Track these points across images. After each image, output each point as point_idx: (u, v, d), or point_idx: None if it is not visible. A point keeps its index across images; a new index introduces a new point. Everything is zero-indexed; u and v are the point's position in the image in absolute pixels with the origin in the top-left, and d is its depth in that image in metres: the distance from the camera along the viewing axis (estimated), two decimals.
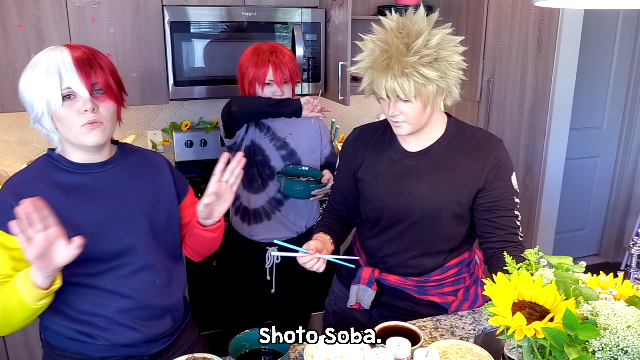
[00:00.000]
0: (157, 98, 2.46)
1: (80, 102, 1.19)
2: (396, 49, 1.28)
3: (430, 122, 1.43)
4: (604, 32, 3.53)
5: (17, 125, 2.61)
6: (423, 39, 1.27)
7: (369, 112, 3.22)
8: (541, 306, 0.97)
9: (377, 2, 2.98)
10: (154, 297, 1.33)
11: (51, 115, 1.20)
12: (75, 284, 1.25)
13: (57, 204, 1.17)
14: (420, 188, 1.43)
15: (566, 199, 3.60)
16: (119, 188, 1.30)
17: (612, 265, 3.95)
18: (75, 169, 1.27)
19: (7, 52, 2.21)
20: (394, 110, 1.35)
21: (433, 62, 1.28)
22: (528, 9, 2.78)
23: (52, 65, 1.17)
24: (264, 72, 1.94)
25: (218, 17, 2.43)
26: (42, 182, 1.23)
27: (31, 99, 1.19)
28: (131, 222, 1.30)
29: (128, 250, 1.29)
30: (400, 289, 1.54)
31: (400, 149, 1.48)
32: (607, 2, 1.21)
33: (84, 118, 1.19)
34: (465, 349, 1.28)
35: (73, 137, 1.22)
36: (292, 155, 2.05)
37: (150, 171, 1.39)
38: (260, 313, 2.26)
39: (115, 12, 2.32)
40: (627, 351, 0.85)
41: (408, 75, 1.27)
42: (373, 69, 1.31)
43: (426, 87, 1.29)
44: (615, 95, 3.72)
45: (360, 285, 1.53)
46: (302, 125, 2.08)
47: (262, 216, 2.07)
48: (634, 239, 1.37)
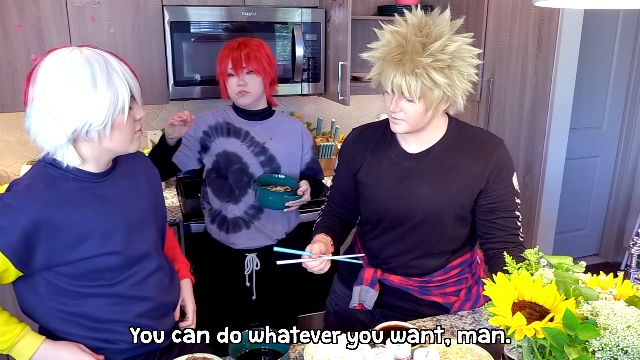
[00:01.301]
0: (157, 98, 2.46)
1: (139, 113, 1.21)
2: (412, 46, 1.27)
3: (431, 125, 1.42)
4: (604, 32, 3.53)
5: (17, 125, 2.61)
6: (441, 43, 1.27)
7: (369, 112, 3.22)
8: (541, 306, 0.97)
9: (377, 2, 2.98)
10: (165, 295, 1.37)
11: (112, 124, 1.15)
12: (92, 295, 1.24)
13: (73, 216, 1.18)
14: (422, 190, 1.42)
15: (566, 199, 3.60)
16: (125, 195, 1.29)
17: (612, 265, 3.95)
18: (87, 179, 1.22)
19: (7, 52, 2.21)
20: (396, 106, 1.34)
21: (445, 68, 1.27)
22: (528, 9, 2.78)
23: (119, 77, 1.13)
24: (225, 64, 1.92)
25: (218, 17, 2.43)
26: (56, 194, 1.19)
27: (96, 104, 1.11)
28: (143, 228, 1.31)
29: (145, 255, 1.31)
30: (402, 290, 1.54)
31: (400, 150, 1.47)
32: (607, 2, 1.21)
33: (137, 127, 1.21)
34: (465, 349, 1.28)
35: (121, 146, 1.20)
36: (272, 160, 2.00)
37: (142, 172, 1.39)
38: (244, 318, 2.23)
39: (115, 12, 2.31)
40: (627, 351, 0.85)
41: (417, 75, 1.26)
42: (385, 60, 1.31)
43: (432, 92, 1.29)
44: (615, 95, 3.72)
45: (363, 286, 1.52)
46: (283, 129, 2.03)
47: (241, 226, 2.02)
48: (634, 239, 1.37)
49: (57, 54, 1.13)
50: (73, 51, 1.13)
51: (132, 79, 1.17)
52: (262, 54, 1.92)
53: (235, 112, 2.02)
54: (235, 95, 1.94)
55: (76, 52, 1.13)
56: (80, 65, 1.10)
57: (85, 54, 1.13)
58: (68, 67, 1.10)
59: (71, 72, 1.10)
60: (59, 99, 1.09)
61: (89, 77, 1.10)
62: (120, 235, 1.24)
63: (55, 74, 1.10)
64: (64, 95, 1.09)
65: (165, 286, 1.37)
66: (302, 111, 3.08)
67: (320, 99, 3.06)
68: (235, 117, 2.01)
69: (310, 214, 2.54)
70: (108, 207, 1.24)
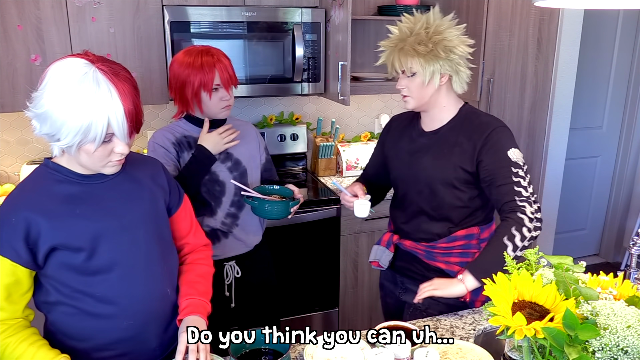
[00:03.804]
0: (157, 98, 2.46)
1: (118, 147, 1.17)
2: (404, 33, 1.57)
3: (439, 103, 1.62)
4: (604, 32, 3.53)
5: (17, 125, 2.61)
6: (422, 24, 1.54)
7: (369, 112, 3.22)
8: (541, 306, 0.97)
9: (377, 2, 2.98)
10: (159, 302, 1.38)
11: (79, 147, 1.14)
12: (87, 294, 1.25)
13: (68, 215, 1.19)
14: (425, 161, 1.65)
15: (566, 199, 3.60)
16: (121, 198, 1.28)
17: (612, 265, 3.95)
18: (80, 180, 1.23)
19: (7, 52, 2.21)
20: (399, 84, 1.61)
21: (427, 42, 1.52)
22: (528, 9, 2.78)
23: (102, 111, 1.10)
24: (211, 77, 1.76)
25: (218, 17, 2.43)
26: (48, 197, 1.20)
27: (67, 125, 1.10)
28: (133, 232, 1.29)
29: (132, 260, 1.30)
30: (412, 253, 1.73)
31: (419, 128, 1.70)
32: (607, 2, 1.21)
33: (114, 158, 1.19)
34: (466, 349, 1.28)
35: (91, 167, 1.20)
36: (238, 165, 1.94)
37: (149, 178, 1.36)
38: (224, 325, 2.15)
39: (115, 12, 2.31)
40: (627, 351, 0.86)
41: (406, 52, 1.54)
42: (386, 47, 1.61)
43: (422, 66, 1.53)
44: (615, 95, 3.72)
45: (380, 246, 1.79)
46: (241, 134, 1.95)
47: (219, 237, 1.94)
48: (634, 239, 1.38)
49: (72, 60, 1.13)
50: (85, 66, 1.11)
51: (122, 118, 1.12)
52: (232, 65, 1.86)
53: (191, 124, 1.90)
54: (217, 110, 1.84)
55: (82, 67, 1.11)
56: (73, 82, 1.09)
57: (90, 75, 1.10)
58: (65, 74, 1.10)
59: (63, 81, 1.10)
60: (47, 99, 1.10)
61: (71, 95, 1.09)
62: (109, 236, 1.23)
63: (56, 76, 1.11)
64: (49, 98, 1.10)
65: (158, 296, 1.33)
66: (302, 111, 3.08)
67: (320, 99, 3.06)
68: (193, 128, 1.89)
69: (310, 214, 2.56)
70: (96, 207, 1.23)
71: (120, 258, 1.25)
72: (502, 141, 1.56)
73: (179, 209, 1.44)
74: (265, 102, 2.99)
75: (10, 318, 1.19)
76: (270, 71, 2.59)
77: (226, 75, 1.79)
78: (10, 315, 1.18)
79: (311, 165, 3.08)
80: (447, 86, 1.60)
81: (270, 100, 2.99)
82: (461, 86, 1.61)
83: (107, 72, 1.11)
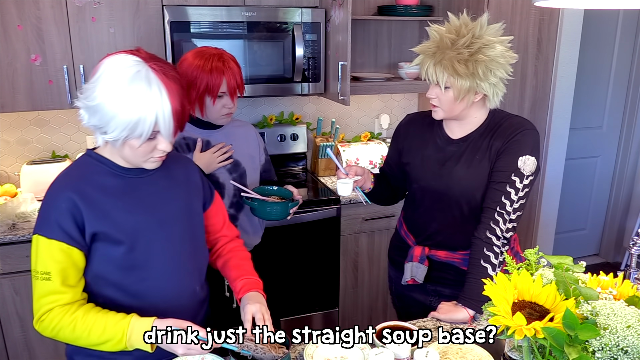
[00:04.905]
0: None
1: (161, 145, 1.20)
2: (444, 42, 1.48)
3: (469, 115, 1.58)
4: (604, 32, 3.53)
5: (17, 125, 2.61)
6: (465, 40, 1.46)
7: (369, 112, 3.22)
8: (541, 306, 0.97)
9: (377, 2, 2.97)
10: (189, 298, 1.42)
11: (125, 141, 1.18)
12: None
13: (111, 206, 1.22)
14: (459, 170, 1.59)
15: (566, 199, 3.60)
16: (158, 194, 1.31)
17: (612, 265, 3.95)
18: (122, 173, 1.27)
19: (7, 52, 2.21)
20: (430, 92, 1.56)
21: (469, 61, 1.45)
22: (528, 9, 2.78)
23: (151, 109, 1.13)
24: (218, 83, 1.72)
25: (218, 17, 2.43)
26: (92, 186, 1.23)
27: (117, 120, 1.14)
28: (167, 227, 1.32)
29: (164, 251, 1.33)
30: (448, 263, 1.68)
31: (445, 136, 1.65)
32: (607, 2, 1.21)
33: (156, 154, 1.22)
34: (466, 349, 1.28)
35: (133, 160, 1.24)
36: (237, 166, 1.94)
37: (183, 177, 1.39)
38: (225, 325, 2.14)
39: (115, 12, 2.32)
40: (627, 351, 0.86)
41: (444, 66, 1.47)
42: (422, 53, 1.53)
43: (457, 81, 1.47)
44: (615, 95, 3.72)
45: (414, 263, 1.71)
46: (240, 134, 1.96)
47: None
48: (634, 239, 1.37)
49: (126, 56, 1.16)
50: (138, 64, 1.14)
51: (169, 117, 1.15)
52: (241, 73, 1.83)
53: (191, 124, 1.87)
54: (218, 116, 1.83)
55: (135, 64, 1.14)
56: (126, 78, 1.13)
57: (143, 73, 1.13)
58: (118, 70, 1.13)
59: (116, 77, 1.13)
60: (100, 92, 1.14)
61: (124, 92, 1.12)
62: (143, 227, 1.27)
63: (110, 71, 1.14)
64: (101, 91, 1.13)
65: (187, 293, 1.37)
66: (302, 111, 3.08)
67: (320, 98, 3.06)
68: (193, 129, 1.88)
69: (310, 214, 2.55)
70: (136, 200, 1.27)
71: (155, 254, 1.28)
72: (521, 144, 1.52)
73: (212, 204, 1.48)
74: (265, 102, 2.99)
75: (72, 301, 1.22)
76: (270, 71, 2.59)
77: (233, 84, 1.76)
78: (72, 298, 1.22)
79: (311, 165, 3.08)
80: (481, 102, 1.56)
81: (270, 100, 2.99)
82: (495, 103, 1.56)
83: (159, 72, 1.15)
